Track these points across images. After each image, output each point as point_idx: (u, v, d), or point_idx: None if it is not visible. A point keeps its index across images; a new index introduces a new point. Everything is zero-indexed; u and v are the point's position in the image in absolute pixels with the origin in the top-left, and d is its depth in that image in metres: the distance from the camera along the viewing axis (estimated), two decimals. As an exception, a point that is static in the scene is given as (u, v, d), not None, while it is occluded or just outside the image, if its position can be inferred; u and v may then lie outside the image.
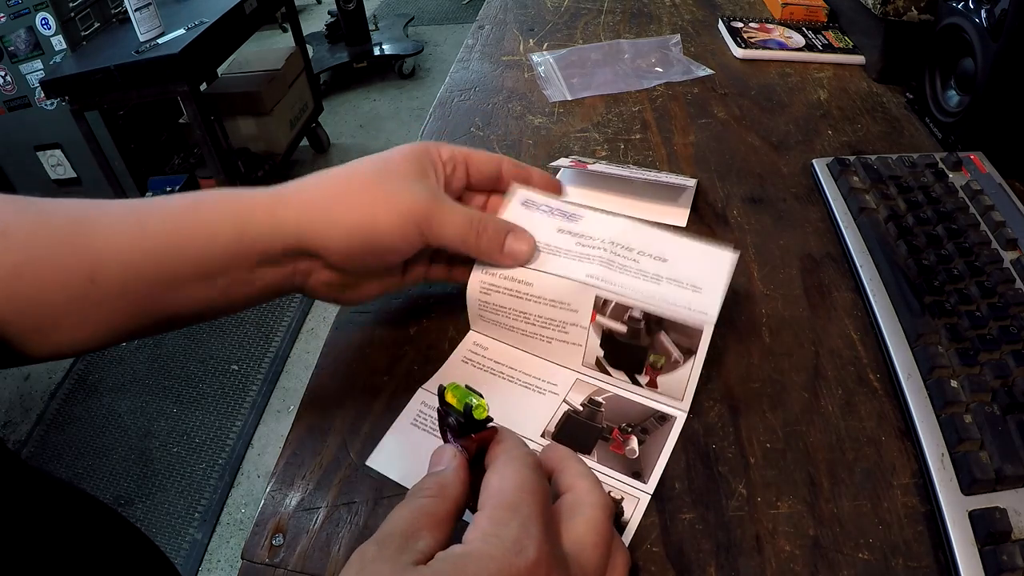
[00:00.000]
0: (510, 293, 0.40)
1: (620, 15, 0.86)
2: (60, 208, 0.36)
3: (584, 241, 0.41)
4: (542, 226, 0.42)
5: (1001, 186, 0.49)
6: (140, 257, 0.35)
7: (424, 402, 0.40)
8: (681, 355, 0.37)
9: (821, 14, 0.80)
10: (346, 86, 3.07)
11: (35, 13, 1.87)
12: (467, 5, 3.74)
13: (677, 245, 0.40)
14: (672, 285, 0.38)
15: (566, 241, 0.41)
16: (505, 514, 0.26)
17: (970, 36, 0.54)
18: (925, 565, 0.31)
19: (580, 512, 0.28)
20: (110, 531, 0.41)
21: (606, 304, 0.38)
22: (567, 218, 0.42)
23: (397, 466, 0.37)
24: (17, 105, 2.02)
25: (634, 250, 0.40)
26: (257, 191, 0.37)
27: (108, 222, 0.35)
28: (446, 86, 0.72)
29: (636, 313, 0.38)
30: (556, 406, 0.39)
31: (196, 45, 1.77)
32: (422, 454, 0.36)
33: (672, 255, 0.40)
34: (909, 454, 0.36)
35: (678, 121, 0.64)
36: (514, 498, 0.27)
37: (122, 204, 0.36)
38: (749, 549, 0.32)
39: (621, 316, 0.38)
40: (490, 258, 0.40)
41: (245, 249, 0.36)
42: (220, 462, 1.58)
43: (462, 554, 0.25)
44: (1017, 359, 0.37)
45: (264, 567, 0.33)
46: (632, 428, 0.38)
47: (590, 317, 0.39)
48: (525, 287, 0.40)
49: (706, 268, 0.39)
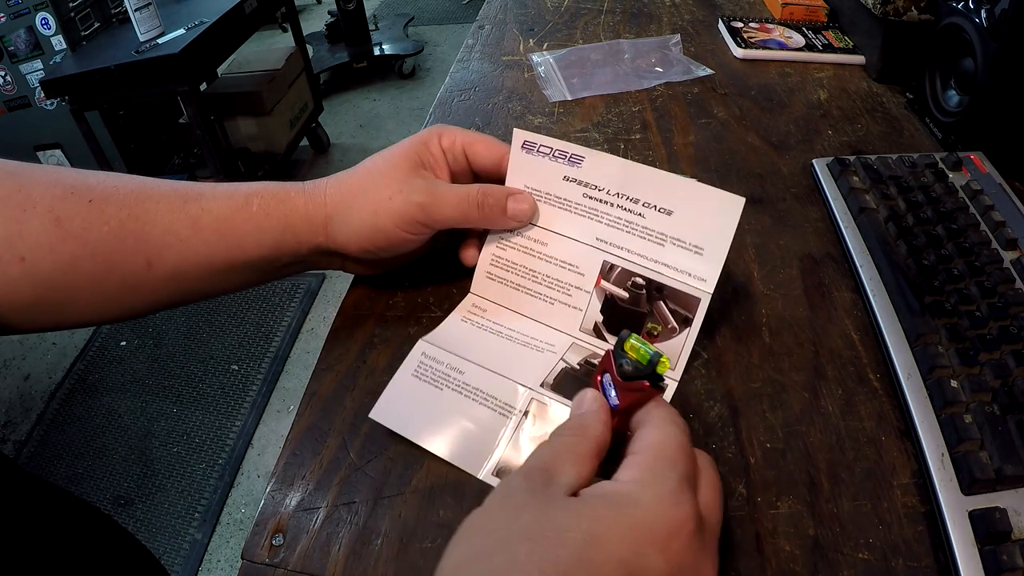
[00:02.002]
0: (524, 250, 0.43)
1: (620, 15, 0.86)
2: (112, 192, 0.37)
3: (591, 192, 0.41)
4: (546, 172, 0.42)
5: (1001, 186, 0.49)
6: (194, 249, 0.38)
7: (425, 353, 0.40)
8: (678, 325, 0.40)
9: (821, 14, 0.80)
10: (346, 86, 3.07)
11: (35, 13, 1.87)
12: (467, 5, 3.74)
13: (684, 190, 0.39)
14: (676, 247, 0.40)
15: (573, 192, 0.42)
16: (665, 467, 0.27)
17: (970, 36, 0.54)
18: (925, 565, 0.31)
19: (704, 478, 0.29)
20: (102, 536, 0.41)
21: (612, 269, 0.41)
22: (569, 162, 0.42)
23: (400, 419, 0.37)
24: (17, 105, 2.02)
25: (639, 201, 0.40)
26: (298, 190, 0.40)
27: (163, 212, 0.37)
28: (446, 86, 0.72)
29: (639, 279, 0.41)
30: (553, 363, 0.40)
31: (196, 45, 1.77)
32: (425, 406, 0.36)
33: (678, 204, 0.40)
34: (909, 454, 0.36)
35: (678, 121, 0.64)
36: (674, 455, 0.28)
37: (174, 191, 0.39)
38: (749, 549, 0.32)
39: (624, 282, 0.41)
40: (495, 224, 0.42)
41: (288, 247, 0.40)
42: (220, 462, 1.58)
43: (620, 494, 0.26)
44: (1017, 359, 0.37)
45: (264, 567, 0.33)
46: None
47: (595, 281, 0.41)
48: (539, 246, 0.43)
49: (713, 219, 0.39)
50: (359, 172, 0.41)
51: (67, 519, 0.38)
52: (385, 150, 0.41)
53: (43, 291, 0.35)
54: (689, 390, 0.39)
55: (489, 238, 0.44)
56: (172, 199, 0.38)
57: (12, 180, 0.35)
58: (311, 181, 0.41)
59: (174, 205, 0.38)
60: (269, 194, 0.40)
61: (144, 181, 0.39)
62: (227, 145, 2.15)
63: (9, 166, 0.36)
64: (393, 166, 0.40)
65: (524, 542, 0.24)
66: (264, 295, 2.01)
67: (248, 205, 0.39)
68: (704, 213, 0.39)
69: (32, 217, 0.35)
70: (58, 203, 0.35)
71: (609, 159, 0.41)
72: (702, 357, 0.41)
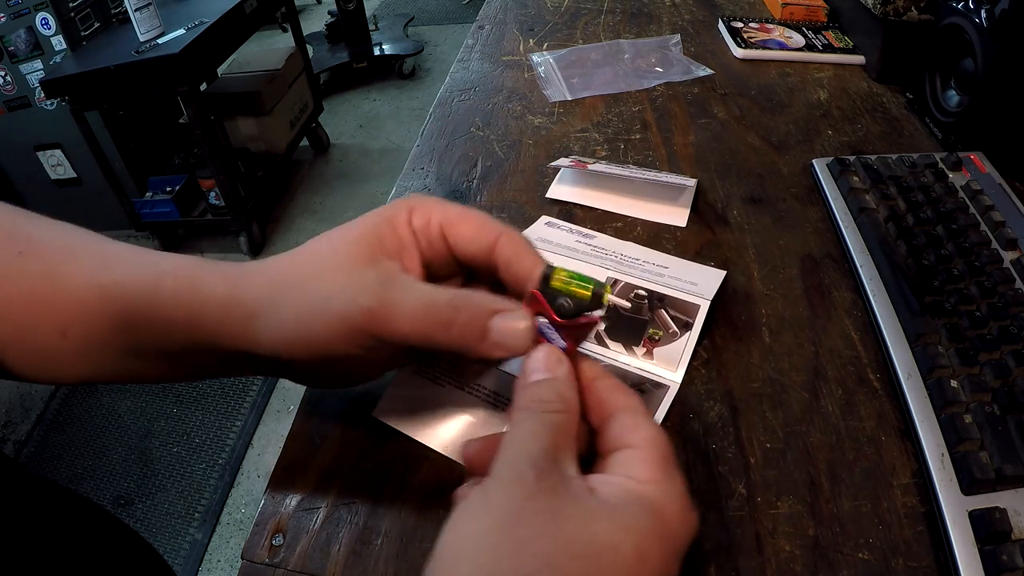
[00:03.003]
0: None
1: (620, 15, 0.86)
2: (42, 247, 0.33)
3: (598, 251, 0.48)
4: (562, 238, 0.49)
5: (1001, 186, 0.49)
6: (100, 326, 0.32)
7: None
8: (679, 329, 0.41)
9: (821, 14, 0.80)
10: (346, 86, 3.07)
11: (35, 13, 1.87)
12: (467, 5, 3.74)
13: (676, 262, 0.47)
14: (673, 280, 0.45)
15: (582, 247, 0.48)
16: (672, 466, 0.26)
17: (970, 36, 0.54)
18: (925, 565, 0.31)
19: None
20: (106, 535, 0.41)
21: (615, 284, 0.44)
22: (584, 236, 0.50)
23: (403, 417, 0.37)
24: (17, 105, 2.01)
25: (639, 259, 0.47)
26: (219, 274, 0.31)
27: (77, 277, 0.32)
28: (446, 86, 0.72)
29: (641, 291, 0.43)
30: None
31: (196, 45, 1.77)
32: (427, 403, 0.36)
33: (672, 266, 0.46)
34: (909, 454, 0.36)
35: (678, 121, 0.64)
36: (670, 451, 0.26)
37: (99, 253, 0.33)
38: (749, 549, 0.32)
39: (627, 295, 0.43)
40: (471, 352, 0.28)
41: (204, 346, 0.31)
42: (220, 462, 1.58)
43: (651, 501, 0.24)
44: (1017, 359, 0.37)
45: (264, 567, 0.33)
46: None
47: None
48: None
49: (701, 277, 0.45)
50: (299, 255, 0.31)
51: (70, 517, 0.38)
52: (341, 227, 0.31)
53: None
54: (689, 390, 0.39)
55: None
56: (91, 262, 0.33)
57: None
58: (248, 263, 0.32)
59: (89, 269, 0.32)
60: (185, 275, 0.31)
61: (76, 238, 0.34)
62: (227, 145, 2.15)
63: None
64: (341, 251, 0.30)
65: (573, 560, 0.22)
66: (264, 295, 2.01)
67: (159, 286, 0.31)
68: (695, 274, 0.45)
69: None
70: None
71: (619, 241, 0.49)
72: (702, 357, 0.41)
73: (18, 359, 0.33)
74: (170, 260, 0.32)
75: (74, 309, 0.32)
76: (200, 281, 0.31)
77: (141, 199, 2.05)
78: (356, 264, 0.29)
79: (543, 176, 0.58)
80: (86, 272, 0.32)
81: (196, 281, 0.31)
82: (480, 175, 0.58)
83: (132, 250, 0.34)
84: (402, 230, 0.31)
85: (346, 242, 0.30)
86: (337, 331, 0.28)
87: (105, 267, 0.32)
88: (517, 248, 0.30)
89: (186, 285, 0.31)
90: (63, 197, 2.19)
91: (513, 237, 0.30)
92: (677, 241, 0.50)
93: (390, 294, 0.28)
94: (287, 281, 0.30)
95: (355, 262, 0.29)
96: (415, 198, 0.32)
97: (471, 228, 0.31)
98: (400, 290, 0.28)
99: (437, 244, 0.31)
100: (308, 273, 0.29)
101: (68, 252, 0.33)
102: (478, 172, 0.59)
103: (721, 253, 0.49)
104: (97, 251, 0.33)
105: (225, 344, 0.30)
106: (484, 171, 0.59)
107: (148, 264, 0.32)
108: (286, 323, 0.29)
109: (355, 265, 0.29)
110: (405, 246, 0.31)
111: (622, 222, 0.52)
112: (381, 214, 0.31)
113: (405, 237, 0.31)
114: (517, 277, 0.30)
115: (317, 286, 0.29)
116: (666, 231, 0.51)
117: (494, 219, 0.31)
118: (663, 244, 0.50)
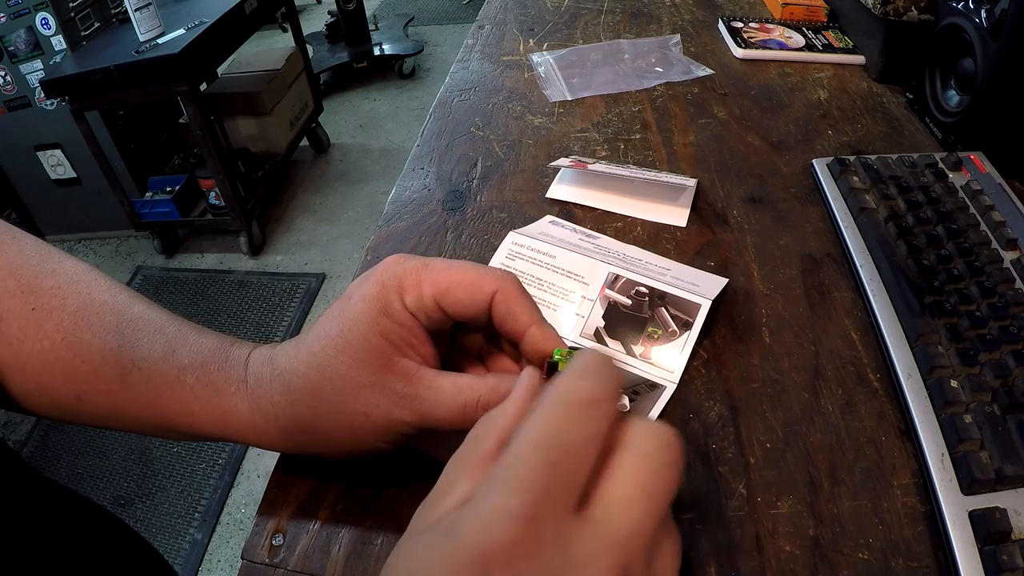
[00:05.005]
0: (533, 261, 0.46)
1: (620, 15, 0.86)
2: (58, 305, 0.33)
3: (600, 250, 0.47)
4: (566, 235, 0.49)
5: (1001, 186, 0.49)
6: (122, 404, 0.33)
7: None
8: (678, 329, 0.41)
9: (821, 14, 0.80)
10: (346, 86, 3.07)
11: (35, 13, 1.87)
12: (467, 5, 3.74)
13: (679, 267, 0.46)
14: (675, 279, 0.44)
15: (586, 246, 0.48)
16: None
17: (970, 36, 0.54)
18: (925, 565, 0.31)
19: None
20: (106, 534, 0.41)
21: (616, 280, 0.44)
22: (587, 235, 0.49)
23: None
24: (17, 105, 2.02)
25: (642, 260, 0.47)
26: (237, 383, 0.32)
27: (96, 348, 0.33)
28: (446, 86, 0.72)
29: (642, 288, 0.43)
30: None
31: (196, 45, 1.77)
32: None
33: (674, 268, 0.46)
34: (909, 454, 0.36)
35: (678, 121, 0.64)
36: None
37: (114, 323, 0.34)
38: (749, 549, 0.32)
39: (628, 291, 0.43)
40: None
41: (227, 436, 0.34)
42: (220, 462, 1.58)
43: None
44: (1017, 359, 0.37)
45: (264, 567, 0.33)
46: (624, 389, 0.39)
47: (600, 290, 0.43)
48: (548, 258, 0.45)
49: (703, 279, 0.45)
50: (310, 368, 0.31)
51: (71, 517, 0.38)
52: (337, 324, 0.31)
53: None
54: (689, 390, 0.39)
55: (500, 248, 0.46)
56: (108, 334, 0.33)
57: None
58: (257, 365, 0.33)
59: (107, 344, 0.33)
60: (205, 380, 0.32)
61: (88, 297, 0.34)
62: (227, 145, 2.15)
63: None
64: (357, 364, 0.30)
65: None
66: (264, 295, 2.01)
67: (181, 383, 0.32)
68: (697, 277, 0.45)
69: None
70: (3, 298, 0.33)
71: (622, 244, 0.49)
72: (702, 357, 0.41)
73: (39, 409, 0.35)
74: (185, 346, 0.33)
75: (92, 379, 0.33)
76: (222, 391, 0.32)
77: (141, 199, 2.05)
78: (377, 374, 0.30)
79: (543, 176, 0.58)
80: (103, 346, 0.33)
81: (218, 390, 0.32)
82: (480, 175, 0.58)
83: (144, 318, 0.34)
84: (400, 317, 0.30)
85: (355, 349, 0.30)
86: (375, 438, 0.31)
87: (121, 342, 0.33)
88: (510, 306, 0.31)
89: (208, 392, 0.32)
90: (63, 197, 2.19)
91: (506, 294, 0.31)
92: (677, 241, 0.50)
93: (423, 406, 0.30)
94: (314, 403, 0.31)
95: (375, 373, 0.30)
96: (394, 268, 0.31)
97: (465, 293, 0.31)
98: (429, 392, 0.30)
99: (435, 315, 0.31)
100: (334, 392, 0.30)
101: (82, 316, 0.34)
102: (478, 172, 0.59)
103: (721, 253, 0.49)
104: (112, 319, 0.34)
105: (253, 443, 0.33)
106: (484, 171, 0.59)
107: (165, 349, 0.33)
108: (318, 437, 0.32)
109: (376, 375, 0.30)
110: (410, 332, 0.31)
111: (622, 222, 0.52)
112: (375, 304, 0.30)
113: (406, 323, 0.31)
114: (512, 335, 0.32)
115: (350, 405, 0.30)
116: (666, 231, 0.51)
117: (482, 269, 0.31)
118: (663, 244, 0.50)
